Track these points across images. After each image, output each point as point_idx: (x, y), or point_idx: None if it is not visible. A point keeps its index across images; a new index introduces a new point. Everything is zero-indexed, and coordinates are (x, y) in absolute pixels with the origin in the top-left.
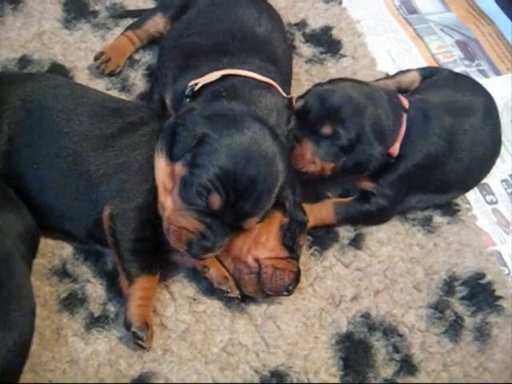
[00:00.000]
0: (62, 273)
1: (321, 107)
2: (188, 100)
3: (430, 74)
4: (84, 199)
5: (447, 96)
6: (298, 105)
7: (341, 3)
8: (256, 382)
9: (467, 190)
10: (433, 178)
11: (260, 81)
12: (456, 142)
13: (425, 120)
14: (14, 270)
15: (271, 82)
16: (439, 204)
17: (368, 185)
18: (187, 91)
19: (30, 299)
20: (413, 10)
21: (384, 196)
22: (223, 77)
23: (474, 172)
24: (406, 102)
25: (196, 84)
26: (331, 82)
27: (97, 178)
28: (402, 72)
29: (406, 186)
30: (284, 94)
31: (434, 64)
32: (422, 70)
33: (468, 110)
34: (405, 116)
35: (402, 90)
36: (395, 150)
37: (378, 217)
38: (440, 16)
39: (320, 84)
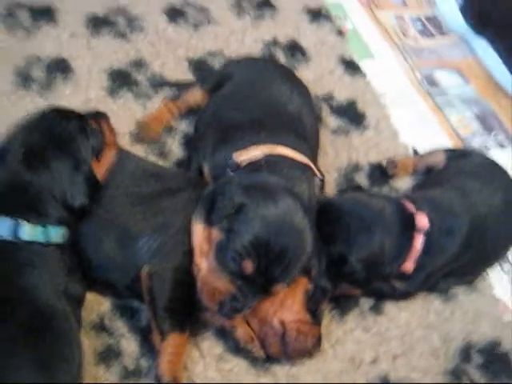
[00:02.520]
0: (100, 327)
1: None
2: (231, 171)
3: (458, 156)
4: (124, 252)
5: (471, 191)
6: None
7: (365, 77)
8: None
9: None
10: (455, 269)
11: (299, 161)
12: (478, 237)
13: (447, 235)
14: (72, 325)
15: (309, 163)
16: (466, 284)
17: (395, 283)
18: (232, 165)
19: (80, 351)
20: (433, 83)
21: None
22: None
23: (498, 253)
24: (423, 223)
25: (242, 161)
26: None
27: (135, 233)
28: (429, 153)
29: (429, 282)
30: (319, 175)
31: (453, 136)
32: (449, 151)
33: (491, 202)
34: (419, 236)
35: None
36: (407, 268)
37: (402, 300)
38: (459, 89)
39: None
